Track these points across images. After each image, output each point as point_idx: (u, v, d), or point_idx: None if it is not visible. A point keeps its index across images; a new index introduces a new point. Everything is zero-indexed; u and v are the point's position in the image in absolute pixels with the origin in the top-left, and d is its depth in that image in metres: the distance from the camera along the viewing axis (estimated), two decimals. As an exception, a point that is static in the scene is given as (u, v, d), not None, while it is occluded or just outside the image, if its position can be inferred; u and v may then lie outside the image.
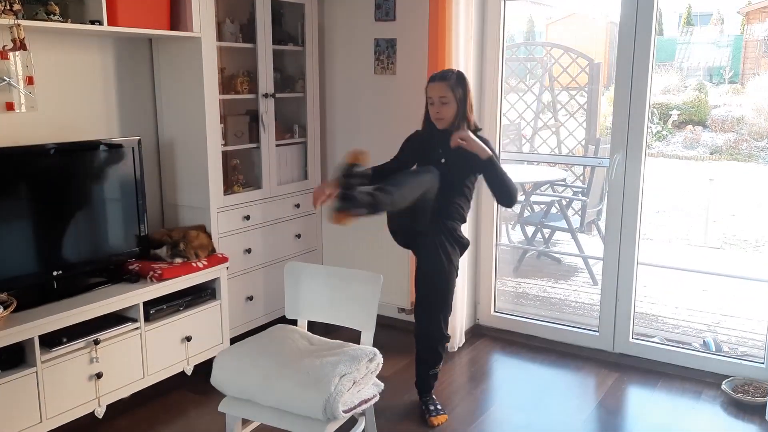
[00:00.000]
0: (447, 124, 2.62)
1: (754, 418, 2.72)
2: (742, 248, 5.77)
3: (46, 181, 2.52)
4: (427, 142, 2.70)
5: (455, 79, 2.60)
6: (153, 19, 2.75)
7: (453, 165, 2.63)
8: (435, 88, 2.60)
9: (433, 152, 2.67)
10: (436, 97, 2.59)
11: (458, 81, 2.60)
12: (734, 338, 3.76)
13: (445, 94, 2.58)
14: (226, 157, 3.18)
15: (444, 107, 2.59)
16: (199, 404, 2.81)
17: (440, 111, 2.59)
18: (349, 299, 2.37)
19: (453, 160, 2.63)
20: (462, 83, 2.61)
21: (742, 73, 9.05)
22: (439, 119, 2.62)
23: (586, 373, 3.16)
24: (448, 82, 2.58)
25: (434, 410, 2.71)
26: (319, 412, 2.00)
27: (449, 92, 2.57)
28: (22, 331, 2.26)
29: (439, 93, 2.59)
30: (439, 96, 2.59)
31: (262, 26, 3.19)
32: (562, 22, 9.54)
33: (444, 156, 2.65)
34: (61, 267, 2.56)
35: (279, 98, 3.37)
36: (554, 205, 5.05)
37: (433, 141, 2.68)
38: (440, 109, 2.59)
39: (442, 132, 2.63)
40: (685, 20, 10.13)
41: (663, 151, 8.39)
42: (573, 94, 6.23)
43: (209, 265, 2.91)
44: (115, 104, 2.95)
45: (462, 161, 2.61)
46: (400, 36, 3.41)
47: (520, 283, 4.71)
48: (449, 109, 2.59)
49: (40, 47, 2.60)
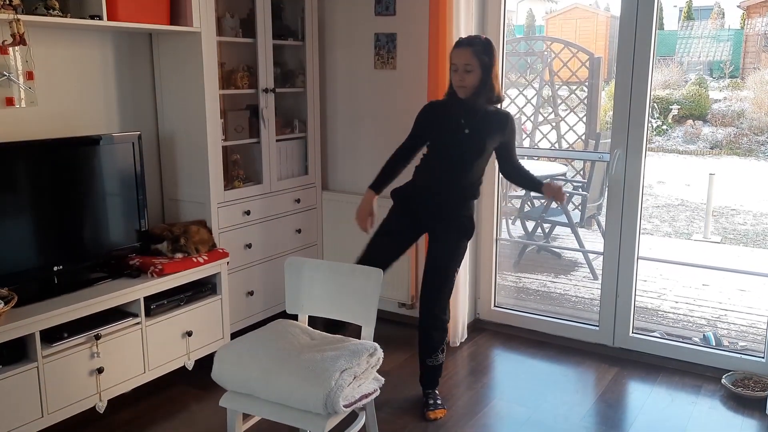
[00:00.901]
0: (469, 92, 2.46)
1: (754, 413, 2.73)
2: (742, 243, 5.77)
3: (46, 177, 2.52)
4: (447, 112, 2.54)
5: (482, 45, 2.44)
6: (153, 14, 2.74)
7: (477, 135, 2.50)
8: (460, 54, 2.43)
9: (454, 122, 2.51)
10: (461, 64, 2.43)
11: (485, 48, 2.44)
12: (734, 332, 3.77)
13: (470, 61, 2.41)
14: (226, 152, 3.18)
15: (468, 75, 2.42)
16: (200, 399, 2.82)
17: (464, 79, 2.43)
18: (349, 294, 2.37)
19: (477, 129, 2.50)
20: (489, 51, 2.44)
21: (743, 67, 9.04)
22: (462, 87, 2.45)
23: (586, 368, 3.17)
24: (474, 48, 2.42)
25: (433, 404, 2.70)
26: (320, 407, 2.00)
27: (474, 59, 2.41)
28: (23, 326, 2.26)
29: (464, 59, 2.42)
30: (464, 63, 2.42)
31: (262, 21, 3.18)
32: (562, 16, 9.52)
33: (467, 126, 2.49)
34: (62, 262, 2.56)
35: (279, 93, 3.36)
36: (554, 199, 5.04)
37: (453, 111, 2.52)
38: (464, 77, 2.43)
39: (464, 101, 2.48)
40: (685, 14, 10.10)
41: (663, 145, 8.39)
42: (573, 89, 6.23)
43: (210, 260, 2.91)
44: (115, 99, 2.94)
45: (485, 132, 2.49)
46: (400, 30, 3.40)
47: (521, 278, 4.71)
48: (473, 77, 2.43)
49: (40, 42, 2.59)
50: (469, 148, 2.49)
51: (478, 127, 2.51)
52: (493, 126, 2.52)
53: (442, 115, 2.57)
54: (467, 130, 2.50)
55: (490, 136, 2.53)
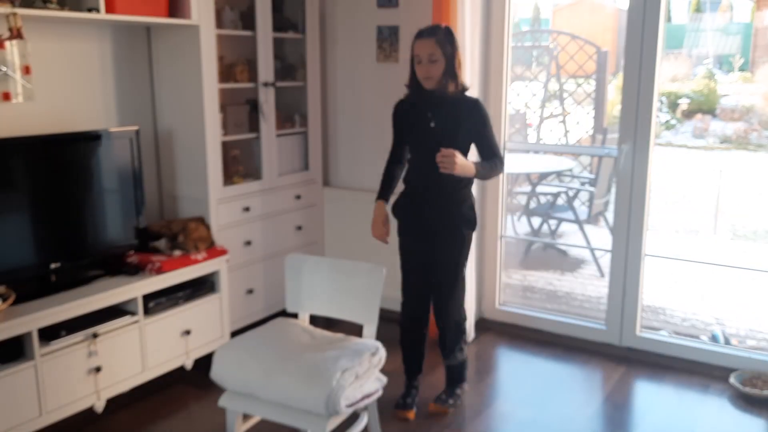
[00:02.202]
0: (435, 83, 2.43)
1: (761, 412, 2.69)
2: (751, 240, 5.70)
3: (43, 173, 2.49)
4: (415, 107, 2.53)
5: (443, 34, 2.42)
6: (151, 7, 2.70)
7: (444, 126, 2.48)
8: (423, 45, 2.41)
9: (421, 117, 2.50)
10: (425, 55, 2.40)
11: (446, 36, 2.42)
12: (743, 331, 3.72)
13: (434, 51, 2.39)
14: (225, 148, 3.14)
15: (433, 66, 2.40)
16: (199, 399, 2.79)
17: (429, 69, 2.40)
18: (351, 292, 2.34)
19: (443, 120, 2.48)
20: (450, 39, 2.43)
21: (753, 61, 8.93)
22: (428, 78, 2.43)
23: (592, 367, 3.12)
24: (437, 37, 2.40)
25: (437, 398, 2.70)
26: (321, 407, 1.98)
27: (438, 49, 2.39)
28: (20, 324, 2.24)
29: (428, 50, 2.39)
30: (428, 53, 2.39)
31: (262, 13, 3.14)
32: (569, 9, 9.43)
33: (434, 120, 2.48)
34: (59, 259, 2.54)
35: (279, 87, 3.32)
36: (561, 195, 4.99)
37: (420, 105, 2.51)
38: (429, 68, 2.40)
39: (430, 93, 2.46)
40: (694, 7, 10.00)
41: (672, 140, 8.30)
42: (580, 83, 6.16)
43: (209, 258, 2.88)
44: (112, 94, 2.91)
45: (452, 121, 2.46)
46: (403, 23, 3.36)
47: (526, 276, 4.67)
48: (438, 68, 2.41)
49: (37, 36, 2.56)
50: (439, 141, 2.44)
51: (445, 117, 2.48)
52: (461, 114, 2.48)
53: (410, 112, 2.57)
54: (433, 123, 2.49)
55: (459, 124, 2.49)
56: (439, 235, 2.58)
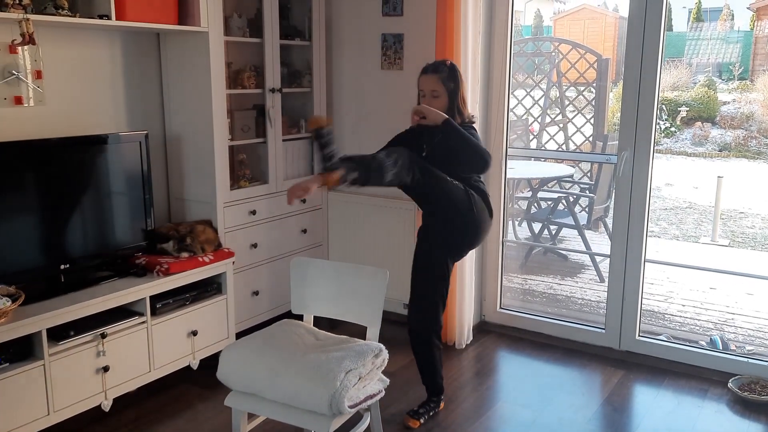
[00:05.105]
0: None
1: (760, 417, 2.71)
2: (750, 246, 5.73)
3: (53, 175, 2.53)
4: (418, 137, 2.60)
5: (447, 72, 2.52)
6: (161, 14, 2.75)
7: (433, 153, 2.53)
8: (426, 81, 2.53)
9: (421, 146, 2.58)
10: (428, 90, 2.53)
11: (450, 74, 2.52)
12: (741, 336, 3.74)
13: (436, 87, 2.51)
14: (232, 152, 3.18)
15: (435, 101, 2.51)
16: (205, 398, 2.82)
17: (431, 104, 2.51)
18: (355, 294, 2.37)
19: (434, 152, 2.53)
20: (454, 76, 2.53)
21: (752, 69, 8.97)
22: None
23: (592, 371, 3.15)
24: (440, 75, 2.51)
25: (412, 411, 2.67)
26: (325, 407, 2.00)
27: (440, 85, 2.50)
28: (29, 324, 2.27)
29: (431, 86, 2.52)
30: (430, 89, 2.52)
31: (270, 21, 3.19)
32: (570, 17, 9.48)
33: (426, 149, 2.56)
34: (69, 260, 2.57)
35: (286, 93, 3.36)
36: (561, 201, 5.03)
37: (422, 135, 2.58)
38: (431, 102, 2.51)
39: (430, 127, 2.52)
40: (694, 16, 10.05)
41: (671, 147, 8.34)
42: (581, 90, 6.21)
43: (215, 260, 2.92)
44: (122, 98, 2.95)
45: (443, 153, 2.51)
46: (407, 31, 3.40)
47: (527, 280, 4.70)
48: (440, 103, 2.51)
49: (49, 42, 2.61)
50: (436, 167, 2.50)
51: (434, 146, 2.54)
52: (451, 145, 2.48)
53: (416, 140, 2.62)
54: (424, 153, 2.57)
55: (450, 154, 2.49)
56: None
